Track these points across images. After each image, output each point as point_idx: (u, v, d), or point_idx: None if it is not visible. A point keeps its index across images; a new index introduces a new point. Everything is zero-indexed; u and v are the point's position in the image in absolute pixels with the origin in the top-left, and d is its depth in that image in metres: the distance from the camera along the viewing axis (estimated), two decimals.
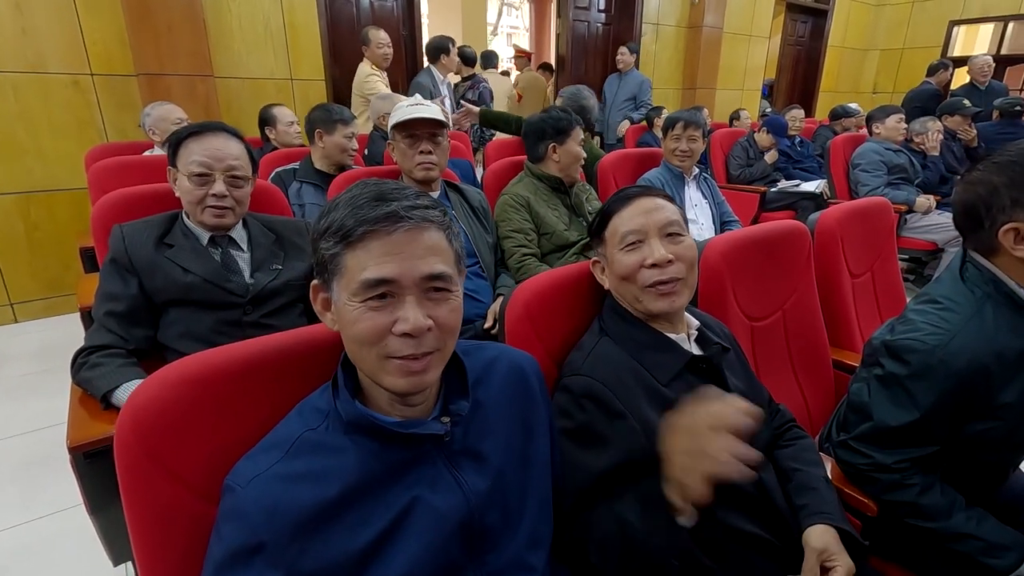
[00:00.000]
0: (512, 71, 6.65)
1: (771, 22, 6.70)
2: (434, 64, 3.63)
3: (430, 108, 1.66)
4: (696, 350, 0.91)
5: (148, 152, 2.56)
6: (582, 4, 5.36)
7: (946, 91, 5.40)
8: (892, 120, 3.28)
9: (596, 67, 5.59)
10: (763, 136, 3.90)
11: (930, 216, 3.14)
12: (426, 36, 4.33)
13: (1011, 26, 7.14)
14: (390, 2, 4.17)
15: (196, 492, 0.63)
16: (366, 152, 2.78)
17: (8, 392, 2.32)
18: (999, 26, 7.24)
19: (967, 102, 3.80)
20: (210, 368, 0.66)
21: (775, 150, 3.88)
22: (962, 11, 7.29)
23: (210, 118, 2.62)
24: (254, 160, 1.31)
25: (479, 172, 2.83)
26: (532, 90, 4.88)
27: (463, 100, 3.57)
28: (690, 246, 0.91)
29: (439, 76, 3.64)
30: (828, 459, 1.02)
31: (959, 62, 6.08)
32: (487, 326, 1.58)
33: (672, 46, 5.87)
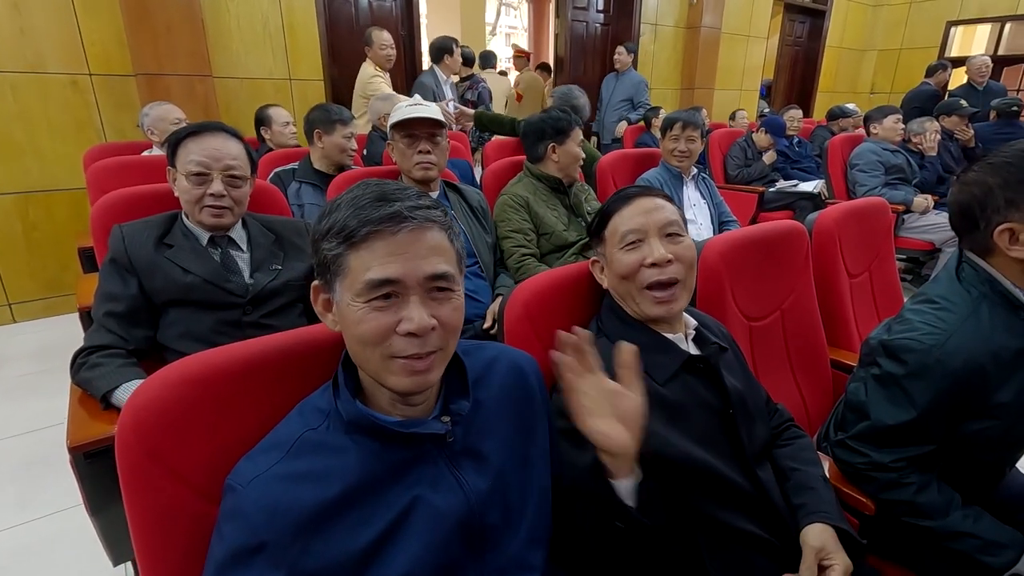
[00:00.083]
0: (511, 71, 6.65)
1: (769, 22, 6.71)
2: (437, 64, 3.63)
3: (429, 108, 1.67)
4: (694, 350, 0.92)
5: (147, 152, 2.56)
6: (580, 4, 5.36)
7: (945, 91, 5.41)
8: (889, 120, 3.29)
9: (594, 67, 5.60)
10: (761, 136, 3.91)
11: (927, 216, 3.15)
12: (424, 36, 4.33)
13: (1008, 26, 7.16)
14: (389, 2, 4.17)
15: (197, 492, 0.63)
16: (365, 152, 2.78)
17: (6, 393, 2.32)
18: (996, 26, 7.26)
19: (964, 102, 3.82)
20: (211, 368, 0.66)
21: (773, 151, 3.88)
22: (959, 11, 7.31)
23: (209, 118, 2.62)
24: (253, 160, 1.31)
25: (478, 172, 2.84)
26: (532, 90, 4.89)
27: (459, 101, 3.58)
28: (689, 247, 0.91)
29: (442, 76, 3.64)
30: (826, 458, 1.03)
31: (957, 62, 6.09)
32: (486, 326, 1.58)
33: (670, 46, 5.87)
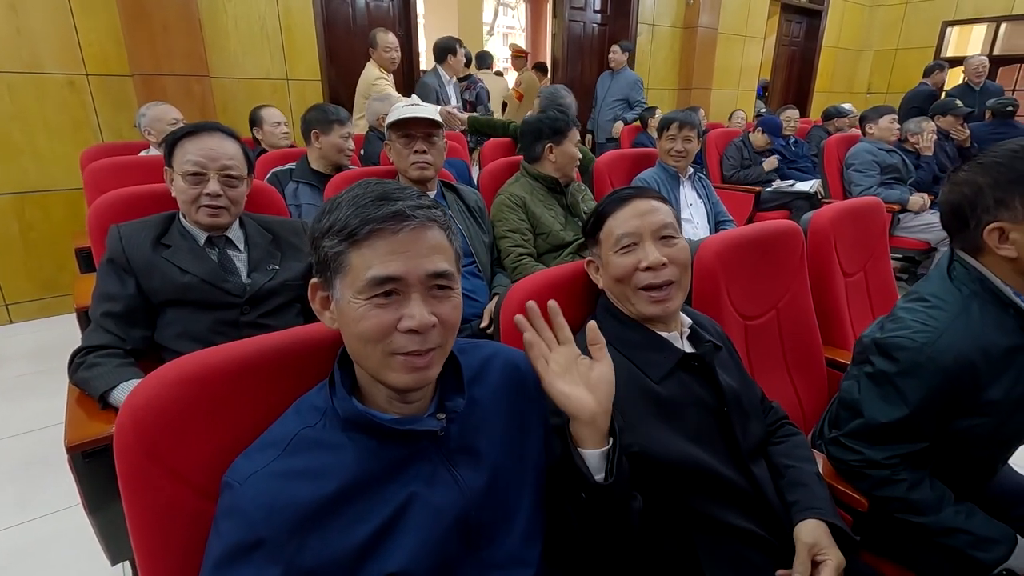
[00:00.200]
0: (509, 71, 6.66)
1: (766, 22, 6.72)
2: (441, 65, 3.64)
3: (425, 108, 1.67)
4: (688, 348, 0.93)
5: (144, 152, 2.56)
6: (578, 4, 5.36)
7: (942, 91, 5.43)
8: (885, 120, 3.31)
9: (592, 67, 5.60)
10: (758, 136, 3.92)
11: (923, 216, 3.17)
12: (422, 37, 4.33)
13: (1004, 27, 7.18)
14: (386, 2, 4.17)
15: (196, 490, 0.64)
16: (362, 152, 2.79)
17: (4, 393, 2.31)
18: (992, 27, 7.28)
19: (959, 102, 3.83)
20: (208, 367, 0.67)
21: (774, 159, 3.87)
22: (955, 12, 7.33)
23: (206, 118, 2.61)
24: (250, 160, 1.31)
25: (475, 172, 2.84)
26: (532, 90, 4.92)
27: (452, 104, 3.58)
28: (683, 248, 0.92)
29: (446, 76, 3.65)
30: (820, 456, 1.03)
31: (954, 62, 6.12)
32: (483, 325, 1.59)
33: (668, 46, 5.88)
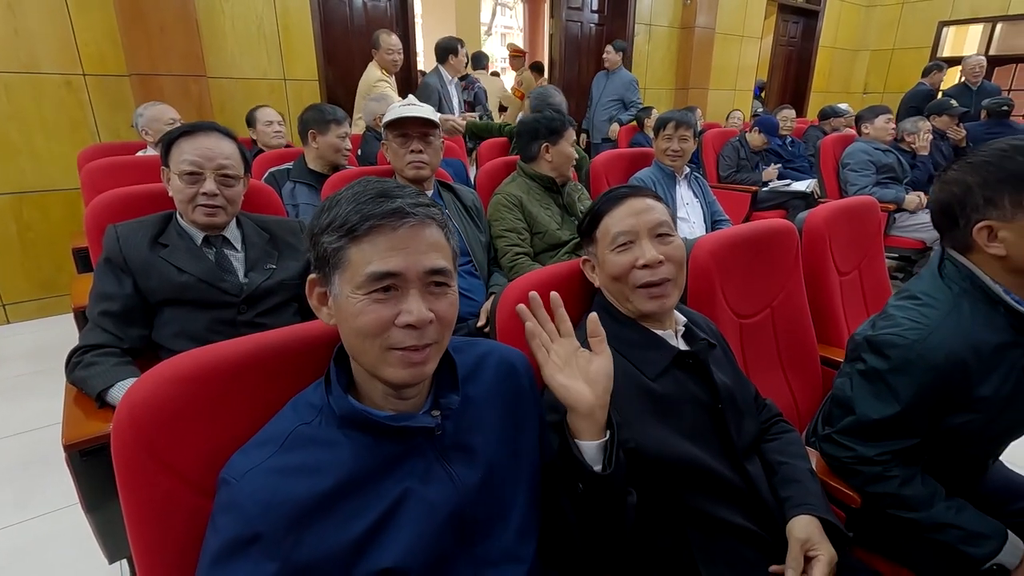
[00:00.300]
0: (508, 71, 6.67)
1: (763, 23, 6.74)
2: (443, 65, 3.65)
3: (422, 108, 1.68)
4: (683, 346, 0.93)
5: (141, 152, 2.57)
6: (575, 4, 5.37)
7: (939, 91, 5.46)
8: (880, 120, 3.32)
9: (589, 67, 5.61)
10: (755, 136, 3.93)
11: (918, 215, 3.18)
12: (420, 36, 4.33)
13: (1000, 27, 7.21)
14: (383, 2, 4.17)
15: (193, 487, 0.64)
16: (359, 152, 2.79)
17: (2, 393, 2.31)
18: (988, 27, 7.31)
19: (954, 102, 3.85)
20: (205, 365, 0.67)
21: (774, 167, 3.88)
22: (951, 12, 7.36)
23: (203, 118, 2.61)
24: (247, 160, 1.32)
25: (472, 172, 2.85)
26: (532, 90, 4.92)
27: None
28: (679, 246, 0.93)
29: (447, 76, 3.66)
30: (814, 453, 1.04)
31: (950, 63, 6.14)
32: (480, 324, 1.60)
33: (665, 46, 5.90)
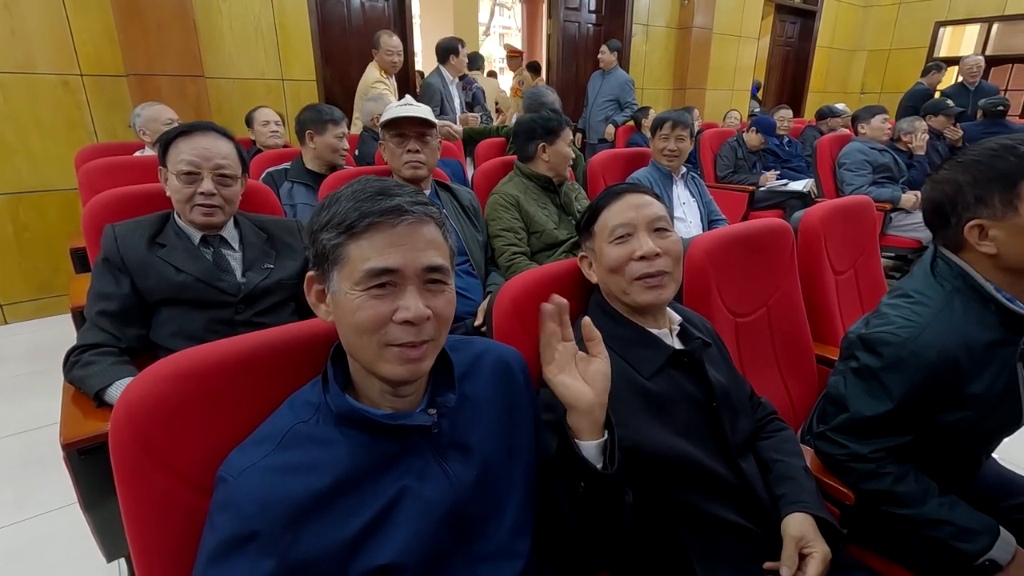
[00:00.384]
0: (505, 71, 6.68)
1: (760, 23, 6.75)
2: (444, 65, 3.65)
3: (419, 108, 1.68)
4: (678, 344, 0.94)
5: (139, 152, 2.56)
6: (572, 5, 5.38)
7: (935, 91, 5.48)
8: (877, 120, 3.33)
9: (587, 67, 5.61)
10: (752, 136, 3.94)
11: (915, 215, 3.19)
12: (417, 37, 4.33)
13: (996, 27, 7.24)
14: (381, 3, 4.17)
15: (191, 485, 0.64)
16: (357, 152, 2.80)
17: (1, 393, 2.31)
18: (984, 27, 7.34)
19: (950, 102, 3.87)
20: (203, 363, 0.67)
21: (772, 172, 3.88)
22: (948, 12, 7.38)
23: (201, 119, 2.61)
24: (244, 160, 1.32)
25: (469, 172, 2.86)
26: None
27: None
28: (676, 241, 0.94)
29: (449, 76, 3.67)
30: (808, 450, 1.05)
31: (947, 63, 6.16)
32: (477, 323, 1.60)
33: (662, 47, 5.91)
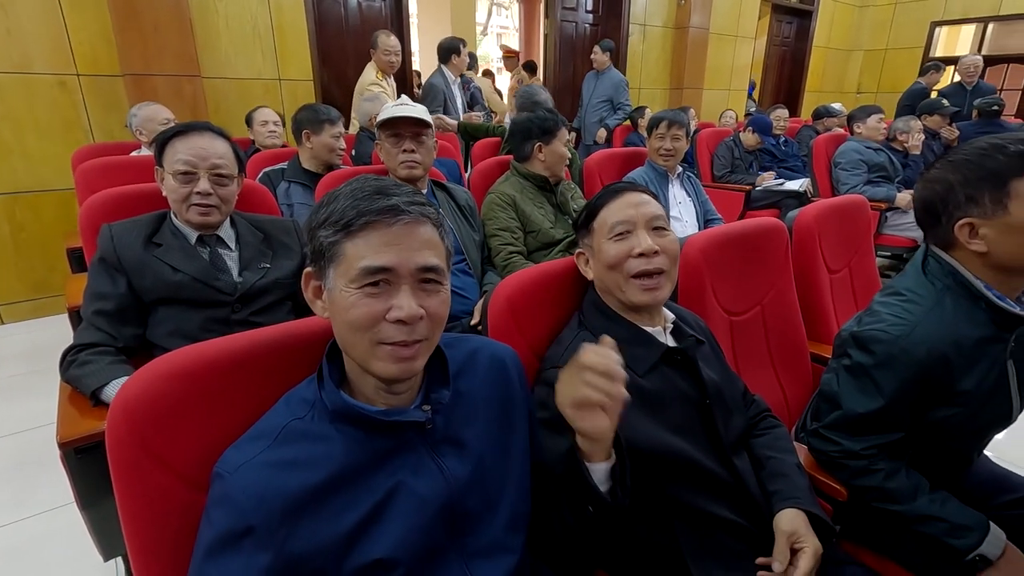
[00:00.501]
0: (503, 71, 6.68)
1: (757, 23, 6.77)
2: (445, 65, 3.66)
3: (414, 108, 1.69)
4: (672, 342, 0.95)
5: (135, 152, 2.56)
6: (569, 5, 5.38)
7: (932, 91, 5.51)
8: (872, 120, 3.35)
9: (584, 68, 5.60)
10: (749, 135, 3.95)
11: (910, 214, 3.20)
12: (415, 36, 4.33)
13: (991, 27, 7.27)
14: (378, 2, 4.17)
15: (187, 482, 0.65)
16: (353, 152, 2.80)
17: None
18: (980, 27, 7.37)
19: (945, 102, 3.89)
20: (200, 361, 0.68)
21: (770, 174, 3.89)
22: (944, 12, 7.41)
23: (197, 118, 2.61)
24: (240, 159, 1.32)
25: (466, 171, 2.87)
26: None
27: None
28: (673, 240, 0.95)
29: (451, 76, 3.68)
30: (802, 448, 1.06)
31: (943, 62, 6.19)
32: (473, 322, 1.60)
33: (659, 46, 5.92)
